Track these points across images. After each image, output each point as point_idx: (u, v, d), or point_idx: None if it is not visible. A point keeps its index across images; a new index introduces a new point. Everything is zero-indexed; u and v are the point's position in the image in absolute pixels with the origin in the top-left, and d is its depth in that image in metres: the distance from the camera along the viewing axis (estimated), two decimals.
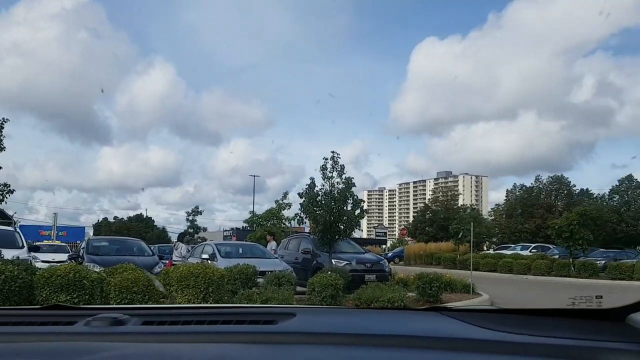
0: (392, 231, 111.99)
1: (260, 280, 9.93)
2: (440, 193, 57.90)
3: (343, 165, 11.73)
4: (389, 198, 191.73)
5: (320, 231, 11.44)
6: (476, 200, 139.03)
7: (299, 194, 11.87)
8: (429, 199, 60.23)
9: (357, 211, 11.77)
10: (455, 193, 58.96)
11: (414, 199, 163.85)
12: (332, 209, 11.36)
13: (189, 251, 13.25)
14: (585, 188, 49.47)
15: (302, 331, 1.12)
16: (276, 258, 12.70)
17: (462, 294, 12.45)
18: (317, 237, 11.79)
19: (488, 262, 25.44)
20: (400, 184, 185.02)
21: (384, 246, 47.97)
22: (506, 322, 1.10)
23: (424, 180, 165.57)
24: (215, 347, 1.06)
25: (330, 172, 11.76)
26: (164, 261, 12.79)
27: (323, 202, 11.51)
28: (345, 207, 11.64)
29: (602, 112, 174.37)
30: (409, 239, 48.77)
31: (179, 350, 1.03)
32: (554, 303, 1.41)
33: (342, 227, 11.69)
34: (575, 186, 49.13)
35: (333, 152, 11.76)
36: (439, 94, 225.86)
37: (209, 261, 11.15)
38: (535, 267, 22.96)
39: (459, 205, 54.18)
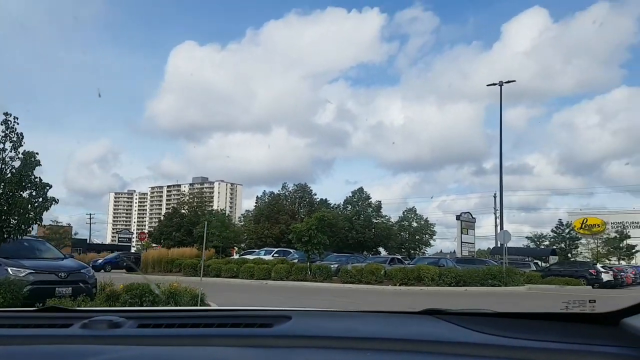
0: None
1: None
2: (193, 197, 56.06)
3: (21, 134, 8.07)
4: (140, 202, 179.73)
5: None
6: (230, 207, 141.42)
7: None
8: (176, 203, 57.47)
9: (40, 200, 8.29)
10: (209, 199, 57.84)
11: (167, 204, 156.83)
12: None
13: None
14: (324, 198, 53.95)
15: (298, 334, 1.12)
16: None
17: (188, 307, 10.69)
18: None
19: (230, 268, 24.43)
20: (153, 188, 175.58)
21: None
22: (500, 325, 1.10)
23: (179, 185, 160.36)
24: (211, 350, 1.07)
25: (1, 143, 8.03)
26: None
27: None
28: (21, 194, 8.07)
29: (340, 135, 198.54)
30: (155, 245, 45.53)
31: (175, 354, 1.05)
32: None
33: (14, 221, 8.07)
34: (316, 195, 53.28)
35: (7, 114, 8.02)
36: (197, 100, 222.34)
37: None
38: (275, 272, 22.81)
39: (210, 209, 53.12)
